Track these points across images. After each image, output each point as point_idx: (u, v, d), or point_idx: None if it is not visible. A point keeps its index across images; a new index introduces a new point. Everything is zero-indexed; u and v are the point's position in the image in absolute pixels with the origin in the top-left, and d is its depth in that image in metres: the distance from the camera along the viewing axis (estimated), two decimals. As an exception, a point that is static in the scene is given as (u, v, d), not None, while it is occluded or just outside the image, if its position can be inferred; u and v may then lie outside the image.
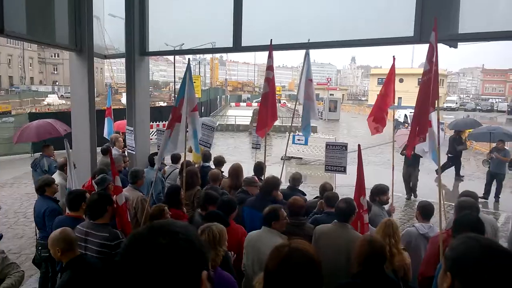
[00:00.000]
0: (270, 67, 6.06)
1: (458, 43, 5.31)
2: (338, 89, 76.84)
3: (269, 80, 6.09)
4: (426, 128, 4.25)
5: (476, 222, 3.40)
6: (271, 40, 5.78)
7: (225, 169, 6.95)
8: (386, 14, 5.39)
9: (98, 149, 8.01)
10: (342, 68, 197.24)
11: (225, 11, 6.58)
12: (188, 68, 5.70)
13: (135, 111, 7.79)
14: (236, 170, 6.25)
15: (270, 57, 5.95)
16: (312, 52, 6.21)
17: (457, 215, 3.76)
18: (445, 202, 6.67)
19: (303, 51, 6.31)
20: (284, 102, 60.85)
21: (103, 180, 5.39)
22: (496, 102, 75.46)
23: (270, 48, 5.84)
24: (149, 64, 8.50)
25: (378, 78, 68.93)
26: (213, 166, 7.34)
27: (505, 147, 11.78)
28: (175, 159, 7.52)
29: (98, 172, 5.92)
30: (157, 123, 20.64)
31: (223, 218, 3.91)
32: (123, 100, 33.41)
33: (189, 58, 7.00)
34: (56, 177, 6.31)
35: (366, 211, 4.35)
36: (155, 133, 11.32)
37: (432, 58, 4.09)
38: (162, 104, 46.87)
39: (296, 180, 6.16)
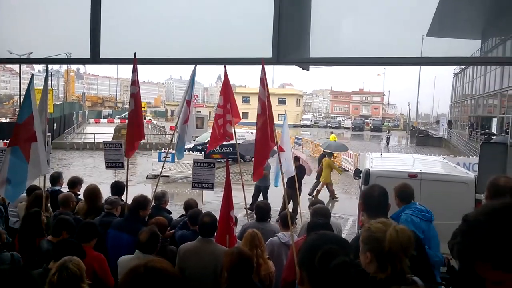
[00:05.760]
0: (134, 82, 5.77)
1: (310, 66, 5.90)
2: (204, 106, 78.22)
3: (135, 96, 5.78)
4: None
5: (326, 226, 3.83)
6: (135, 53, 5.53)
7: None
8: (248, 36, 5.68)
9: None
10: (209, 85, 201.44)
11: (82, 18, 6.06)
12: (31, 81, 5.33)
13: (-33, 127, 6.56)
14: (91, 192, 5.72)
15: (134, 71, 5.65)
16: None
17: (310, 221, 4.20)
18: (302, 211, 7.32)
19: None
20: (150, 119, 59.37)
21: None
22: (342, 120, 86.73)
23: (134, 61, 5.57)
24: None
25: (243, 97, 72.22)
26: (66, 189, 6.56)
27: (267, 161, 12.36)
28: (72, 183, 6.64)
29: None
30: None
31: (79, 246, 3.52)
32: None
33: (32, 74, 6.38)
34: None
35: (234, 224, 4.44)
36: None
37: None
38: (4, 120, 41.39)
39: (160, 199, 5.93)
